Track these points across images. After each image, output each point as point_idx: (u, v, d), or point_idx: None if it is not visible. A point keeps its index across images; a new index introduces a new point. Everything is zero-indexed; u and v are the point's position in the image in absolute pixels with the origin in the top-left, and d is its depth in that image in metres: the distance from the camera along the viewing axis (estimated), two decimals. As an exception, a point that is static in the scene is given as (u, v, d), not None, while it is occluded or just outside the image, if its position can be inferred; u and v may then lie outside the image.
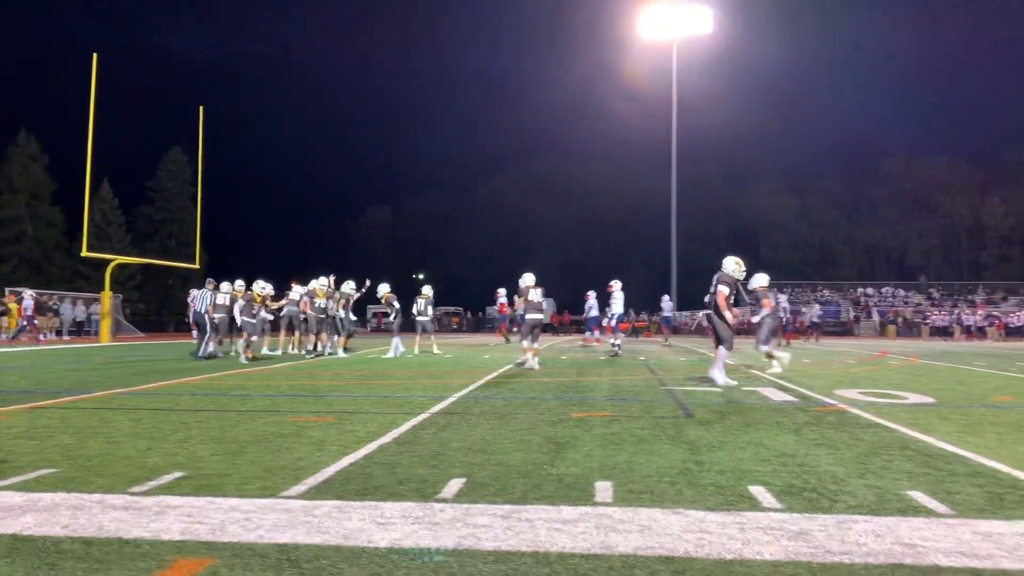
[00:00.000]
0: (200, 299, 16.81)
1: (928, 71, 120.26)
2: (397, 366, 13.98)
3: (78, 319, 32.82)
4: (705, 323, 16.27)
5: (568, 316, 45.96)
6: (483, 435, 5.92)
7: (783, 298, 25.78)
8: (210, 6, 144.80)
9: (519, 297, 13.64)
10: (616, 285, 18.86)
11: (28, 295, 27.45)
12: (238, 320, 16.42)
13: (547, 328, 44.88)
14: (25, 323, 26.95)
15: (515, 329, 34.57)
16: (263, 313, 17.37)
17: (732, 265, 10.40)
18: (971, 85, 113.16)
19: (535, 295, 13.53)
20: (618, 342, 18.27)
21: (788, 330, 26.77)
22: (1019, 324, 42.13)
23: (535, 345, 13.46)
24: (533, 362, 13.32)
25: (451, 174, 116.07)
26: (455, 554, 3.04)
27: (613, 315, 18.77)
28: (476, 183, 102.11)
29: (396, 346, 17.76)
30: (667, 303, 28.11)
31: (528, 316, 13.45)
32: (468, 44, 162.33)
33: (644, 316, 47.34)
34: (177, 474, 4.46)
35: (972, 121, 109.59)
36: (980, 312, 48.38)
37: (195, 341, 18.39)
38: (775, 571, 2.87)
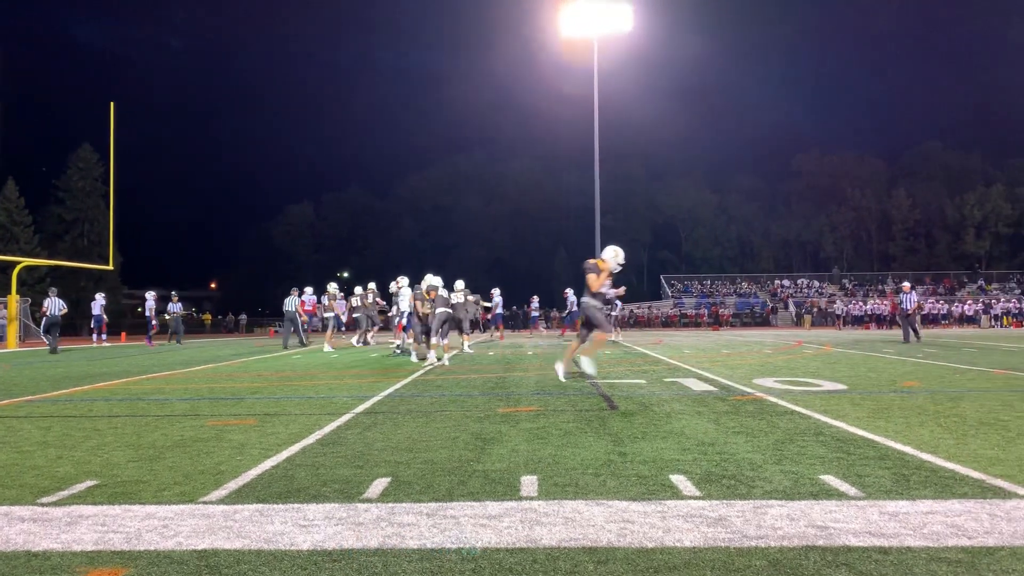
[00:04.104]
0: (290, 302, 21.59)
1: (839, 69, 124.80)
2: (323, 366, 13.77)
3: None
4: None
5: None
6: (409, 433, 5.89)
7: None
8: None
9: (420, 297, 14.24)
10: (403, 281, 17.87)
11: None
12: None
13: (474, 325, 44.80)
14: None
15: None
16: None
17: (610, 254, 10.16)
18: (879, 83, 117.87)
19: (444, 292, 14.11)
20: (398, 342, 17.88)
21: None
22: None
23: (444, 341, 14.00)
24: (445, 358, 13.91)
25: (374, 169, 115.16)
26: (379, 554, 3.02)
27: (403, 313, 17.69)
28: (399, 178, 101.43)
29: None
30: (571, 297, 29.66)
31: (438, 311, 13.89)
32: (391, 39, 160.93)
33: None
34: (90, 483, 4.30)
35: (880, 117, 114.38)
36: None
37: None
38: (695, 557, 2.94)
